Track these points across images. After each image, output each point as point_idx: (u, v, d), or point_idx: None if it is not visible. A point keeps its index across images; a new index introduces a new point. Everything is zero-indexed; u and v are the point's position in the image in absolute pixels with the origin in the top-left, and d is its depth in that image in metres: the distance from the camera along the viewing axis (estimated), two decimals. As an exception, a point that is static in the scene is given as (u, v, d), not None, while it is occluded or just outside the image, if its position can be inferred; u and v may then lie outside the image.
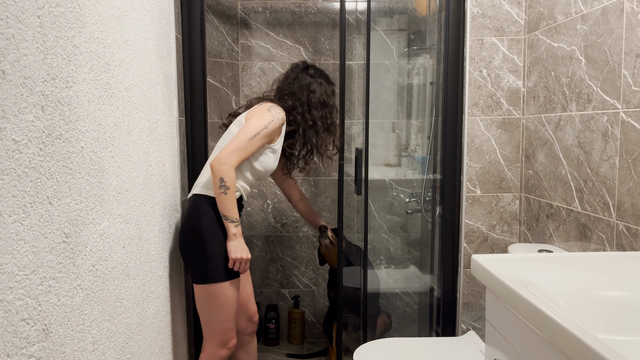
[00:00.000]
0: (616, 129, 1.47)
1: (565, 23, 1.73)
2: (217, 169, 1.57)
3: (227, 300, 1.66)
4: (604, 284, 1.00)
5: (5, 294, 0.71)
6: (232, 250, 1.63)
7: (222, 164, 1.57)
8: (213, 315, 1.68)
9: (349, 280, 2.27)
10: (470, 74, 2.01)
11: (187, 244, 1.66)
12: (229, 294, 1.67)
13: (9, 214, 0.72)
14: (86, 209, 0.98)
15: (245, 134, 1.63)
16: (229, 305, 1.68)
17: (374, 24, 2.56)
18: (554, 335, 0.79)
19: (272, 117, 1.69)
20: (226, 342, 1.72)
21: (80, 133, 0.96)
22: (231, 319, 1.71)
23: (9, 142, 0.72)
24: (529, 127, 2.00)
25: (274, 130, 1.69)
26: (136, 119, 1.30)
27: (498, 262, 1.08)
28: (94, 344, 1.01)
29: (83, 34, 0.98)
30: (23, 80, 0.75)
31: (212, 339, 1.71)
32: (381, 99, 2.62)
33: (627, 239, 1.43)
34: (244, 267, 1.66)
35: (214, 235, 1.63)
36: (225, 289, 1.65)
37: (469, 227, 2.07)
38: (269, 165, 1.76)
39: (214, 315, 1.68)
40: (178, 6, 1.86)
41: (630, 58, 1.41)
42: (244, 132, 1.64)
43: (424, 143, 2.45)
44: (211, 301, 1.66)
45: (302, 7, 2.66)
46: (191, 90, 1.94)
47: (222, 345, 1.71)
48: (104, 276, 1.07)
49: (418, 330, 2.57)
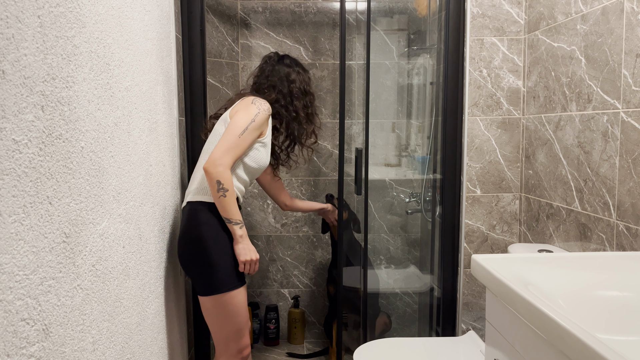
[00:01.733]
0: (616, 129, 1.47)
1: (565, 23, 1.73)
2: (213, 171, 1.49)
3: (239, 307, 1.59)
4: (604, 283, 1.00)
5: (5, 294, 0.71)
6: (240, 254, 1.57)
7: (217, 165, 1.49)
8: (226, 326, 1.59)
9: (348, 279, 2.27)
10: (470, 74, 2.01)
11: (190, 256, 1.58)
12: (241, 300, 1.59)
13: (9, 214, 0.72)
14: (86, 209, 0.98)
15: (234, 131, 1.55)
16: (241, 312, 1.60)
17: (374, 24, 2.56)
18: (554, 335, 0.79)
19: (258, 109, 1.61)
20: (241, 350, 1.63)
21: (80, 133, 0.96)
22: (245, 327, 1.62)
23: (9, 142, 0.72)
24: (529, 127, 2.00)
25: (262, 123, 1.61)
26: (136, 119, 1.30)
27: (498, 262, 1.08)
28: (94, 344, 1.01)
29: (83, 34, 0.98)
30: (23, 80, 0.75)
31: (227, 352, 1.61)
32: (381, 98, 2.62)
33: (627, 239, 1.43)
34: (254, 267, 1.61)
35: (217, 243, 1.56)
36: (235, 296, 1.58)
37: (469, 227, 2.07)
38: (262, 161, 1.68)
39: (228, 325, 1.59)
40: (178, 6, 1.86)
41: (630, 58, 1.41)
42: (232, 129, 1.55)
43: (424, 143, 2.45)
44: (223, 312, 1.57)
45: (302, 7, 2.66)
46: (191, 90, 1.94)
47: (237, 353, 1.62)
48: (104, 276, 1.07)
49: (418, 330, 2.57)
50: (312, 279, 2.76)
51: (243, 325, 1.62)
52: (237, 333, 1.61)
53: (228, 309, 1.58)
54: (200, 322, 2.02)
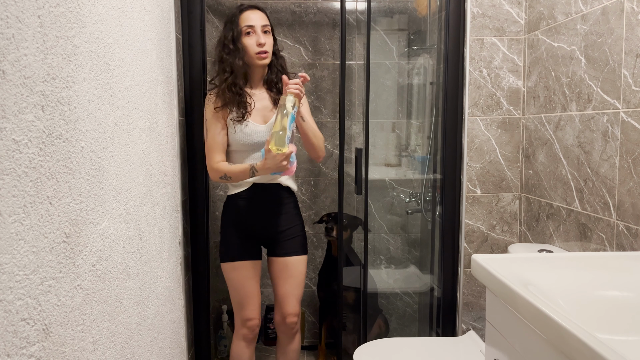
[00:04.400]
0: (616, 129, 1.47)
1: (565, 23, 1.73)
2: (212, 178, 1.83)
3: (236, 281, 1.84)
4: (604, 283, 1.00)
5: (6, 293, 0.71)
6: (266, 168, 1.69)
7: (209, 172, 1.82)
8: (231, 294, 1.88)
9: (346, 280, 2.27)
10: (470, 74, 2.01)
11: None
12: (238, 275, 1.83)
13: (9, 213, 0.72)
14: (86, 208, 0.98)
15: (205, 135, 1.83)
16: (240, 286, 1.83)
17: (374, 24, 2.56)
18: (554, 335, 0.79)
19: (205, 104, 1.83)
20: (244, 321, 1.85)
21: (81, 133, 0.96)
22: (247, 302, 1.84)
23: (9, 142, 0.72)
24: (529, 127, 2.00)
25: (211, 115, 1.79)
26: (136, 118, 1.30)
27: (498, 262, 1.08)
28: (94, 344, 1.01)
29: (83, 34, 0.98)
30: (23, 80, 0.75)
31: (237, 318, 1.88)
32: (381, 98, 2.62)
33: (627, 239, 1.43)
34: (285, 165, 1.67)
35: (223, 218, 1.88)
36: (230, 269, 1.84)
37: (469, 227, 2.07)
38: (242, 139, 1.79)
39: (232, 294, 1.87)
40: (178, 6, 1.86)
41: (630, 58, 1.41)
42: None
43: (424, 143, 2.45)
44: (227, 281, 1.87)
45: (302, 7, 2.66)
46: (191, 90, 1.94)
47: (242, 324, 1.86)
48: (104, 276, 1.07)
49: (418, 330, 2.57)
50: (312, 279, 2.76)
51: (242, 299, 1.84)
52: (238, 304, 1.85)
53: (228, 279, 1.86)
54: (200, 322, 2.02)
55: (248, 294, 1.84)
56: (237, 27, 1.77)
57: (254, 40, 1.76)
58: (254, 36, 1.76)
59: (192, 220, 1.99)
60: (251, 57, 1.77)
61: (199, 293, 2.01)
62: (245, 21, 1.77)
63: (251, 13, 1.78)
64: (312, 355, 2.63)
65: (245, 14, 1.78)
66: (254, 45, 1.76)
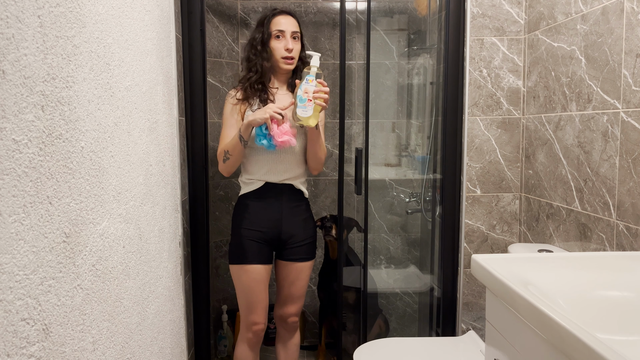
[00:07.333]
0: (616, 129, 1.47)
1: (565, 23, 1.73)
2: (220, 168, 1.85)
3: (244, 284, 1.82)
4: (604, 283, 1.00)
5: (6, 293, 0.71)
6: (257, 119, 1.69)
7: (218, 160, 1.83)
8: (238, 296, 1.86)
9: (346, 280, 2.27)
10: (470, 74, 2.01)
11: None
12: (248, 279, 1.81)
13: (9, 213, 0.72)
14: (86, 208, 0.98)
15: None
16: (246, 289, 1.82)
17: (374, 24, 2.56)
18: (554, 335, 0.79)
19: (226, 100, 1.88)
20: (250, 325, 1.84)
21: (80, 133, 0.96)
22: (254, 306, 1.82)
23: (9, 142, 0.72)
24: (529, 127, 2.00)
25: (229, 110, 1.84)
26: (136, 118, 1.30)
27: (498, 262, 1.08)
28: (94, 344, 1.01)
29: (83, 34, 0.98)
30: (23, 80, 0.75)
31: (243, 321, 1.87)
32: (381, 98, 2.62)
33: (627, 239, 1.43)
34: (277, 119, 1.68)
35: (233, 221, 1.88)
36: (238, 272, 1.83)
37: (469, 227, 2.07)
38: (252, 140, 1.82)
39: (239, 296, 1.86)
40: (178, 6, 1.86)
41: (630, 58, 1.41)
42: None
43: (424, 143, 2.45)
44: (234, 282, 1.86)
45: (302, 7, 2.66)
46: (191, 90, 1.94)
47: (247, 328, 1.85)
48: (104, 276, 1.07)
49: (418, 330, 2.57)
50: (312, 279, 2.76)
51: (250, 303, 1.83)
52: (246, 307, 1.84)
53: (237, 282, 1.84)
54: (200, 322, 2.02)
55: (256, 299, 1.82)
56: (268, 29, 1.81)
57: (282, 44, 1.80)
58: (282, 40, 1.80)
59: (192, 220, 1.99)
60: (277, 60, 1.82)
61: (199, 293, 2.01)
62: (276, 25, 1.81)
63: (283, 18, 1.82)
64: (312, 355, 2.62)
65: (277, 18, 1.82)
66: (282, 50, 1.80)
